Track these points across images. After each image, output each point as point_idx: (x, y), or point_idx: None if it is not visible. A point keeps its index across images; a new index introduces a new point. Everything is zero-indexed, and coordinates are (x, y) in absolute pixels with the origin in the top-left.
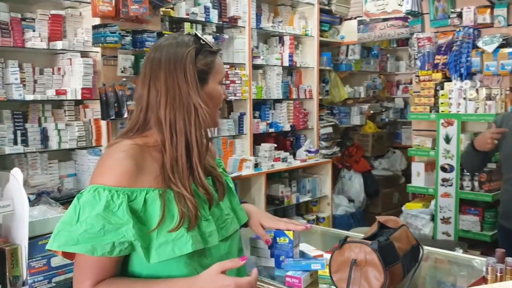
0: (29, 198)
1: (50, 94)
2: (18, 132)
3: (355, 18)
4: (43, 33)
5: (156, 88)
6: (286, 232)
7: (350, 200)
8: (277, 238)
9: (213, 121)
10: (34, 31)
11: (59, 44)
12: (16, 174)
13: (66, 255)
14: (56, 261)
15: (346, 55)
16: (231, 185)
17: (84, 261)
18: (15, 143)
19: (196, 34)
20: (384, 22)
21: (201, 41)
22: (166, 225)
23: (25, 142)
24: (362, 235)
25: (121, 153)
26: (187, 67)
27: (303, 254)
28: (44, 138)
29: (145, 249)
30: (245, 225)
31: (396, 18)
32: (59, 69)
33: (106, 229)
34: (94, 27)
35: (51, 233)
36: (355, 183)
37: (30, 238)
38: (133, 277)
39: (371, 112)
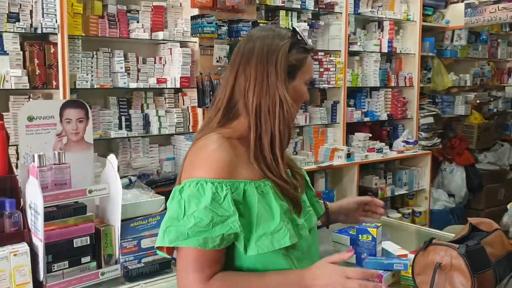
0: (130, 180)
1: (152, 82)
2: (123, 118)
3: (462, 1)
4: (146, 24)
5: (245, 74)
6: (369, 230)
7: (450, 195)
8: (360, 235)
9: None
10: (138, 22)
11: (160, 35)
12: (112, 160)
13: (168, 250)
14: (145, 243)
15: (452, 41)
16: (307, 178)
17: (192, 255)
18: (120, 127)
19: (294, 29)
20: (495, 4)
21: (298, 36)
22: (264, 218)
23: (129, 127)
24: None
25: (216, 145)
26: (279, 58)
27: (386, 253)
28: (146, 123)
29: (245, 241)
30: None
31: (509, 0)
32: (160, 58)
33: (215, 222)
34: (193, 17)
35: (142, 216)
36: (456, 176)
37: (122, 220)
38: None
39: (478, 101)
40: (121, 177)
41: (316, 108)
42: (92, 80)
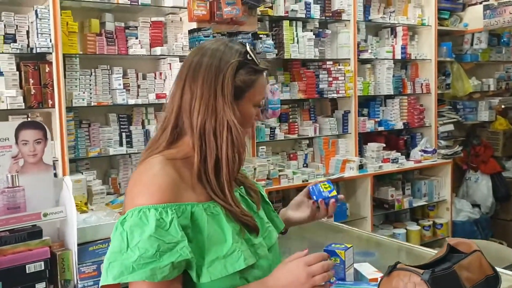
0: None
1: (152, 98)
2: (123, 134)
3: (480, 3)
4: (144, 40)
5: (191, 90)
6: (337, 252)
7: (475, 205)
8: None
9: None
10: (136, 38)
11: (158, 50)
12: (68, 182)
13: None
14: None
15: (471, 44)
16: (263, 193)
17: None
18: (121, 144)
19: (245, 46)
20: None
21: (248, 56)
22: (215, 241)
23: (129, 143)
24: None
25: (157, 168)
26: (226, 79)
27: (360, 276)
28: (147, 139)
29: (196, 268)
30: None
31: None
32: (160, 73)
33: (162, 250)
34: (190, 31)
35: (101, 239)
36: (482, 186)
37: (81, 244)
38: None
39: (503, 106)
40: (121, 194)
41: (326, 118)
42: (90, 97)
